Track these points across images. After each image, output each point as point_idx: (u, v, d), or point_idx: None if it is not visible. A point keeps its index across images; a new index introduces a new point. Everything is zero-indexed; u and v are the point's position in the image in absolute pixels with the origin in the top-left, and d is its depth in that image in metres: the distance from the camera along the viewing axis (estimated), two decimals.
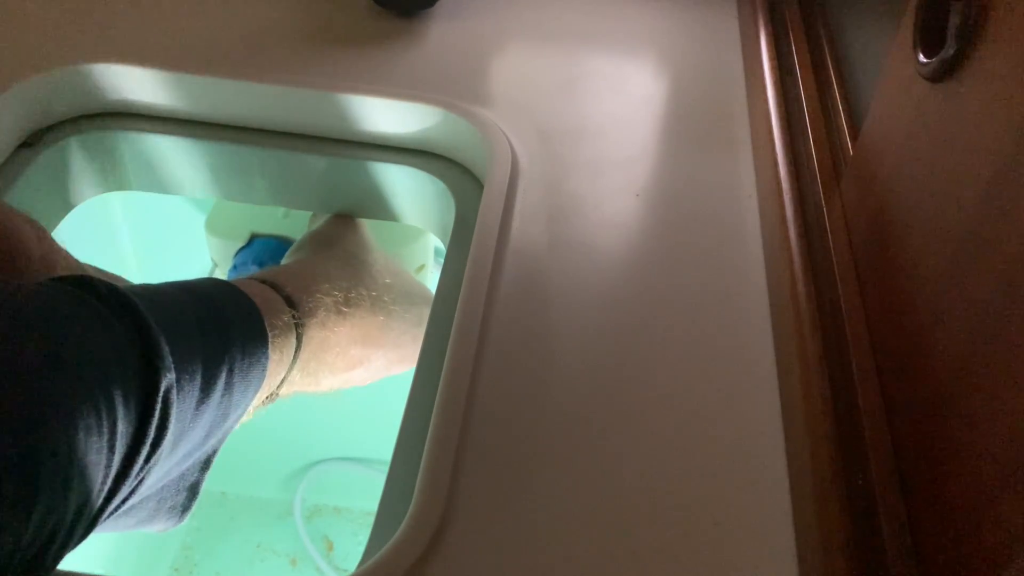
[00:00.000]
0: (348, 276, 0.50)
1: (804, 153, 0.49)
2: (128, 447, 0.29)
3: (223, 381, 0.35)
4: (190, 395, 0.33)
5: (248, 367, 0.38)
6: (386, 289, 0.53)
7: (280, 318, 0.41)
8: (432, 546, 0.34)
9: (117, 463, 0.29)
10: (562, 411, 0.39)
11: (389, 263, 0.57)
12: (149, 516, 0.38)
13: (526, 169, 0.51)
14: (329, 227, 0.57)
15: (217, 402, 0.35)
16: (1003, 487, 0.26)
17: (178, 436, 0.33)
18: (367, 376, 0.52)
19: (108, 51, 0.55)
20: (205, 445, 0.37)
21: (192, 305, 0.36)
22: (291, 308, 0.43)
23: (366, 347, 0.50)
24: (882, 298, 0.38)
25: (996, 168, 0.29)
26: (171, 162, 0.57)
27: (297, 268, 0.49)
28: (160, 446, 0.31)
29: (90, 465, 0.27)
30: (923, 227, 0.34)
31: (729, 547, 0.35)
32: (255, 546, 1.13)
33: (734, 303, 0.45)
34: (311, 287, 0.46)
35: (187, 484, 0.39)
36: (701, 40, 0.64)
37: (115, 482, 0.29)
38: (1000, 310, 0.27)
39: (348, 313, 0.48)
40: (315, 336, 0.45)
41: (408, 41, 0.60)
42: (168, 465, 0.34)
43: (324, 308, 0.45)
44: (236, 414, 0.38)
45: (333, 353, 0.47)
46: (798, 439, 0.37)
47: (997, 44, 0.30)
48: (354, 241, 0.55)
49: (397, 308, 0.53)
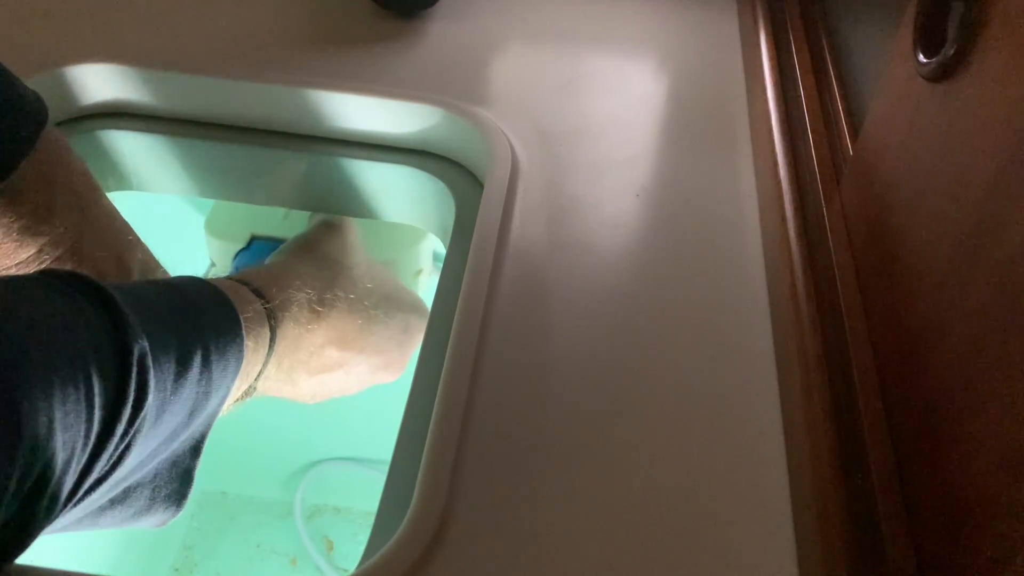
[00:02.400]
0: (323, 277, 0.50)
1: (804, 153, 0.49)
2: (109, 408, 0.30)
3: (199, 358, 0.36)
4: (166, 367, 0.34)
5: (224, 347, 0.38)
6: (366, 293, 0.52)
7: (251, 307, 0.42)
8: (432, 546, 0.34)
9: (99, 421, 0.29)
10: (562, 411, 0.39)
11: (374, 269, 0.57)
12: (147, 505, 0.38)
13: (526, 169, 0.51)
14: (311, 231, 0.57)
15: (196, 379, 0.36)
16: (1003, 487, 0.26)
17: (160, 408, 0.33)
18: (349, 382, 0.52)
19: (108, 51, 0.55)
20: (191, 426, 0.37)
21: (161, 292, 0.37)
22: (260, 298, 0.43)
23: (343, 350, 0.50)
24: (882, 298, 0.38)
25: (996, 168, 0.29)
26: (171, 162, 0.57)
27: (269, 267, 0.49)
28: (141, 410, 0.31)
29: (70, 414, 0.28)
30: (923, 227, 0.34)
31: (729, 547, 0.35)
32: (255, 546, 1.13)
33: (734, 303, 0.45)
34: (282, 284, 0.46)
35: (180, 471, 0.39)
36: (701, 40, 0.64)
37: (99, 440, 0.30)
38: (1000, 310, 0.27)
39: (323, 313, 0.48)
40: (289, 331, 0.45)
41: (408, 41, 0.60)
42: (156, 441, 0.35)
43: (296, 304, 0.46)
44: (218, 395, 0.38)
45: (307, 352, 0.47)
46: (798, 439, 0.37)
47: (997, 44, 0.30)
48: (336, 245, 0.55)
49: (379, 313, 0.52)
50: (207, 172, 0.58)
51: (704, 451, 0.38)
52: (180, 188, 0.60)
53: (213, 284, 0.42)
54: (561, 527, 0.35)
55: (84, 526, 0.36)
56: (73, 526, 0.35)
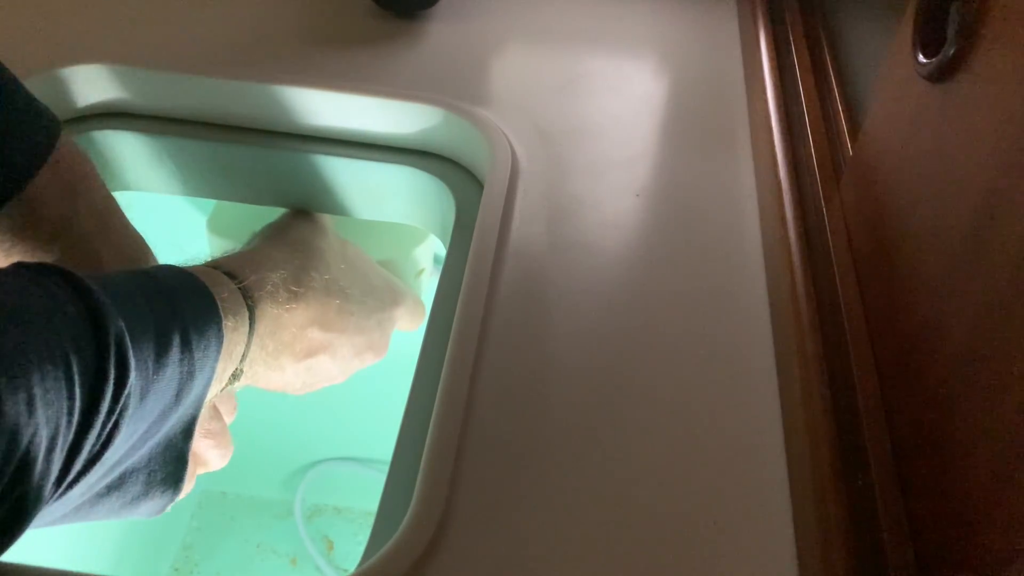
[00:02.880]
0: (297, 260, 0.50)
1: (804, 153, 0.49)
2: (90, 385, 0.30)
3: (178, 338, 0.36)
4: (145, 348, 0.34)
5: (203, 327, 0.38)
6: (341, 274, 0.53)
7: (224, 287, 0.42)
8: (432, 546, 0.34)
9: (81, 397, 0.30)
10: (562, 411, 0.39)
11: (346, 249, 0.57)
12: (143, 490, 0.38)
13: (526, 169, 0.51)
14: (282, 218, 0.57)
15: (177, 359, 0.36)
16: (1003, 487, 0.26)
17: (144, 388, 0.34)
18: (336, 366, 0.52)
19: (108, 51, 0.55)
20: (179, 408, 0.38)
21: (134, 279, 0.37)
22: (233, 280, 0.44)
23: (325, 331, 0.50)
24: (882, 298, 0.38)
25: (996, 168, 0.29)
26: (171, 162, 0.57)
27: (242, 253, 0.49)
28: (124, 387, 0.32)
29: (50, 391, 0.28)
30: (923, 227, 0.34)
31: (729, 547, 0.35)
32: (255, 546, 1.13)
33: (734, 303, 0.45)
34: (255, 266, 0.46)
35: (173, 454, 0.40)
36: (701, 40, 0.64)
37: (84, 416, 0.30)
38: (1000, 309, 0.27)
39: (299, 293, 0.48)
40: (268, 311, 0.45)
41: (408, 41, 0.60)
42: (145, 423, 0.35)
43: (272, 284, 0.46)
44: (203, 376, 0.39)
45: (289, 333, 0.47)
46: (798, 439, 0.37)
47: (997, 44, 0.30)
48: (307, 229, 0.55)
49: (354, 292, 0.53)
50: (206, 172, 0.58)
51: (704, 451, 0.38)
52: (179, 188, 0.60)
53: (185, 269, 0.42)
54: (562, 527, 0.35)
55: (82, 514, 0.36)
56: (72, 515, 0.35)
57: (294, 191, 0.59)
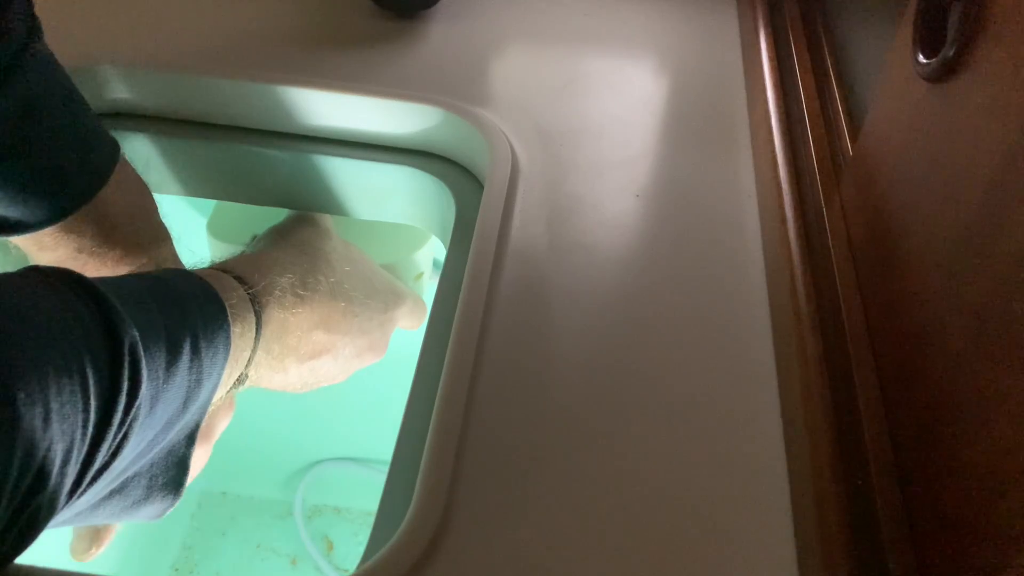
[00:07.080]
0: (303, 263, 0.50)
1: (804, 153, 0.49)
2: (104, 397, 0.30)
3: (188, 345, 0.36)
4: (157, 356, 0.34)
5: (212, 333, 0.39)
6: (345, 276, 0.53)
7: (234, 293, 0.42)
8: (432, 546, 0.34)
9: (95, 410, 0.30)
10: (562, 411, 0.39)
11: (350, 251, 0.57)
12: (144, 494, 0.38)
13: (526, 169, 0.51)
14: (285, 222, 0.58)
15: (187, 366, 0.36)
16: (1003, 487, 0.26)
17: (154, 397, 0.34)
18: (338, 367, 0.52)
19: (108, 52, 0.55)
20: (185, 415, 0.38)
21: (146, 284, 0.37)
22: (243, 284, 0.44)
23: (330, 333, 0.50)
24: (882, 298, 0.38)
25: (995, 168, 0.29)
26: (171, 163, 0.57)
27: (248, 256, 0.50)
28: (136, 398, 0.32)
29: (66, 405, 0.28)
30: (923, 227, 0.34)
31: (729, 548, 0.35)
32: (255, 546, 1.13)
33: (734, 303, 0.45)
34: (263, 270, 0.46)
35: (175, 459, 0.40)
36: (701, 40, 0.64)
37: (98, 430, 0.30)
38: (999, 310, 0.27)
39: (306, 296, 0.48)
40: (275, 316, 0.45)
41: (408, 41, 0.60)
42: (152, 431, 0.35)
43: (279, 289, 0.46)
44: (210, 383, 0.39)
45: (295, 336, 0.47)
46: (798, 439, 0.37)
47: (997, 44, 0.30)
48: (310, 232, 0.55)
49: (358, 295, 0.53)
50: (207, 173, 0.58)
51: (704, 452, 0.38)
52: (180, 189, 0.60)
53: (195, 274, 0.42)
54: (561, 527, 0.35)
55: (82, 518, 0.36)
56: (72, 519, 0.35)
57: (294, 191, 0.59)
